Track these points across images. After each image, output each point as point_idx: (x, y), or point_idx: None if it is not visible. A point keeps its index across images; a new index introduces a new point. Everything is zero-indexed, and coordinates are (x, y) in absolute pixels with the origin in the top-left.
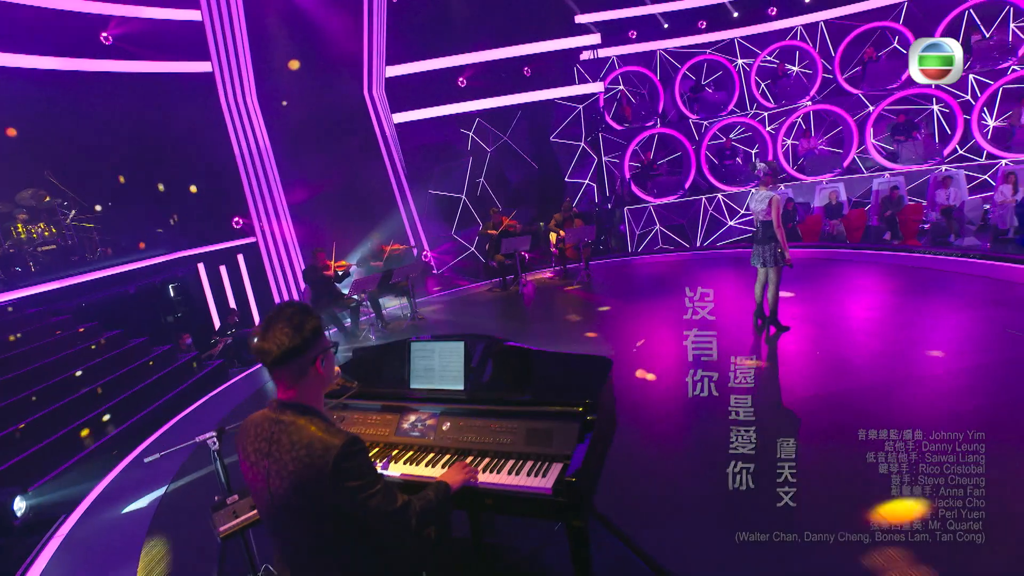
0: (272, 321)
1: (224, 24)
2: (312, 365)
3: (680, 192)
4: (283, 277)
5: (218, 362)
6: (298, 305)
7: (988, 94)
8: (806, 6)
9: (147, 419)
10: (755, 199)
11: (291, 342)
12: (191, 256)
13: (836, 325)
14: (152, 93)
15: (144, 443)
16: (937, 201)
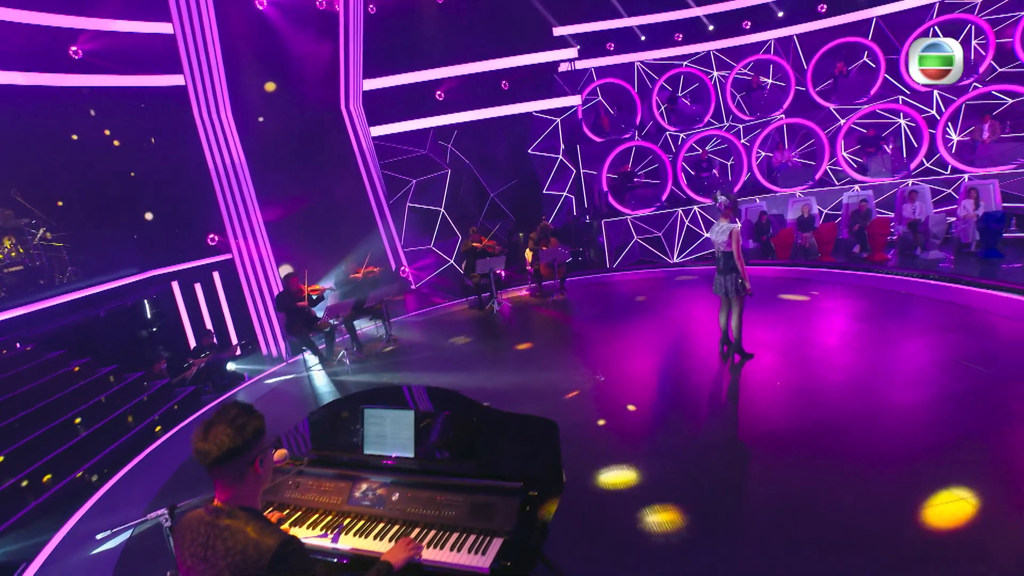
0: (214, 422)
1: (196, 37)
2: (251, 466)
3: (657, 204)
4: (260, 295)
5: (190, 389)
6: (242, 406)
7: (952, 110)
8: (779, 20)
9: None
10: (716, 231)
11: (231, 443)
12: (164, 275)
13: (799, 353)
14: (124, 108)
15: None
16: (904, 215)
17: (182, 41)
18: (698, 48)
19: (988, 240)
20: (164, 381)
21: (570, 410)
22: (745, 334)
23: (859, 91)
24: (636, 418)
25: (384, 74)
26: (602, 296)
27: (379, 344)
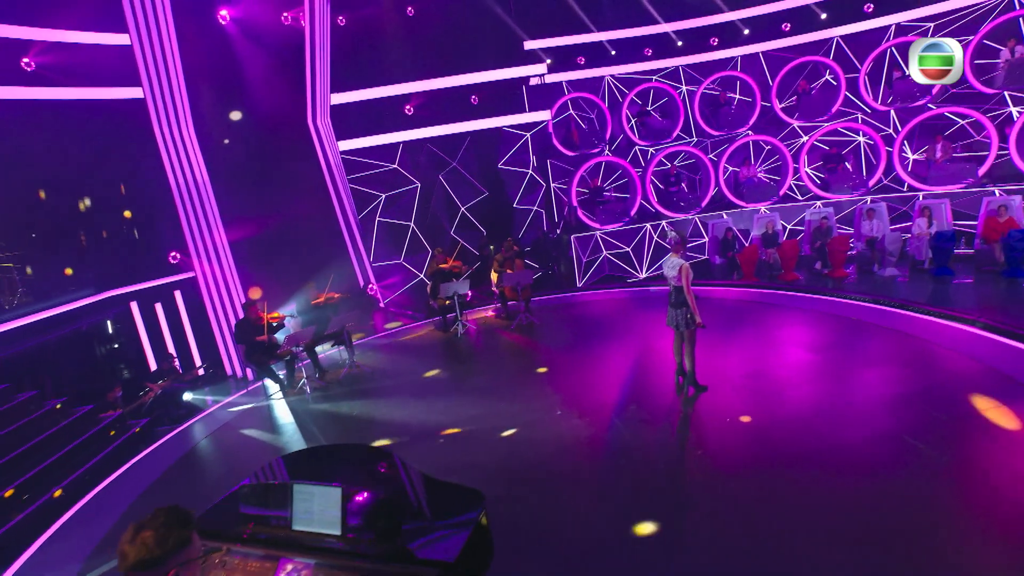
0: (142, 527)
1: (155, 49)
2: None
3: (626, 219)
4: (224, 316)
5: (144, 421)
6: (174, 515)
7: (908, 129)
8: (745, 37)
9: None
10: (667, 266)
11: (149, 554)
12: (123, 295)
13: (751, 386)
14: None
15: (60, 520)
16: (862, 232)
17: (140, 52)
18: (667, 63)
19: (940, 258)
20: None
21: (523, 448)
22: (702, 364)
23: (821, 109)
24: (587, 457)
25: (353, 88)
26: (568, 319)
27: (342, 370)
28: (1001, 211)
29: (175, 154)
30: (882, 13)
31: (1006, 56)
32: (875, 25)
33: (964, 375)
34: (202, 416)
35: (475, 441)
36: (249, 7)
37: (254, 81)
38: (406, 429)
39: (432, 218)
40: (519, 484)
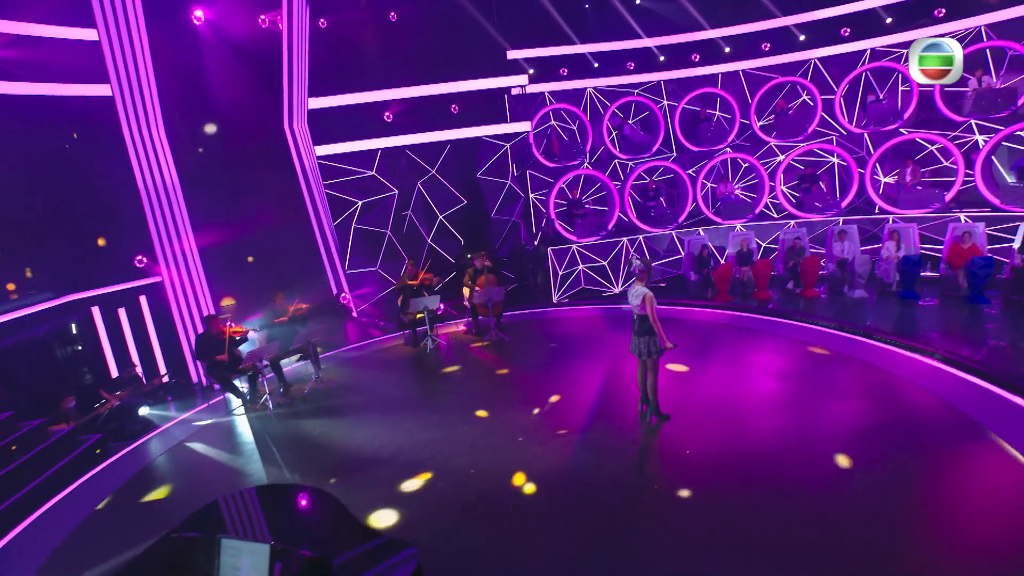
0: None
1: (124, 46)
2: None
3: (603, 232)
4: (191, 322)
5: (97, 436)
6: None
7: (880, 152)
8: (726, 55)
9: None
10: (631, 294)
11: None
12: (84, 299)
13: (714, 416)
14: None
15: None
16: (834, 253)
17: (108, 49)
18: (649, 77)
19: (906, 281)
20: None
21: (480, 477)
22: (667, 391)
23: (798, 129)
24: (543, 491)
25: (332, 93)
26: (539, 337)
27: (307, 385)
28: (965, 237)
29: (143, 154)
30: (858, 37)
31: (973, 85)
32: (851, 49)
33: (921, 411)
34: (158, 432)
35: (432, 467)
36: (224, 9)
37: (228, 83)
38: (364, 454)
39: (410, 226)
40: (471, 518)
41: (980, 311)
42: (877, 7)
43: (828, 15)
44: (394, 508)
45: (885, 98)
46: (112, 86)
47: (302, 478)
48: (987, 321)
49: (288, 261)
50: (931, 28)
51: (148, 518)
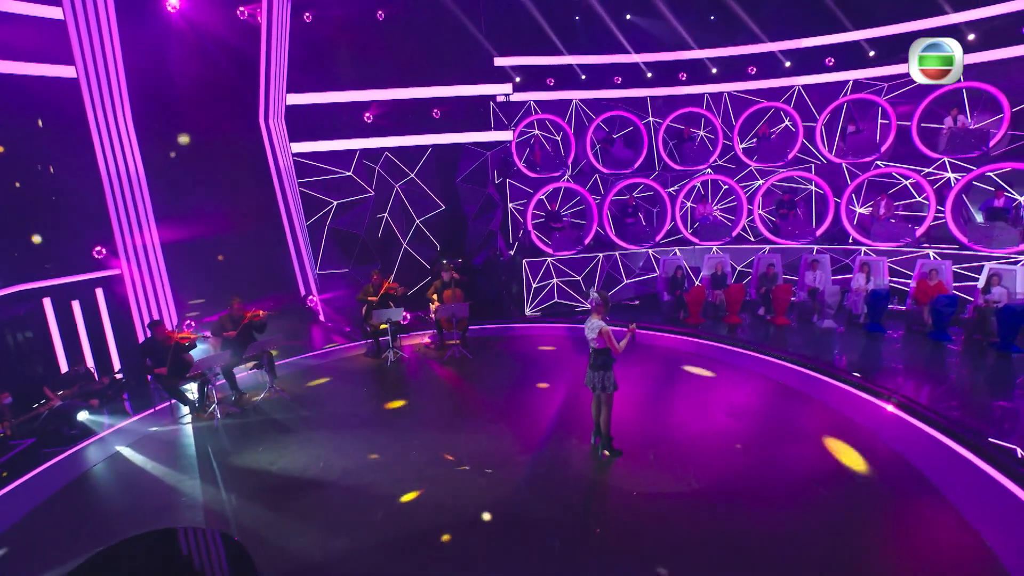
0: None
1: (91, 27)
2: None
3: (580, 247)
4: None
5: (30, 441)
6: None
7: (856, 184)
8: (712, 76)
9: None
10: (588, 328)
11: None
12: (35, 289)
13: (666, 455)
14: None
15: None
16: (806, 282)
17: (74, 28)
18: (636, 93)
19: (874, 314)
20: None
21: (419, 510)
22: (623, 423)
23: (779, 154)
24: (482, 527)
25: (312, 90)
26: (504, 356)
27: (260, 394)
28: (932, 275)
29: (108, 141)
30: (842, 68)
31: (949, 124)
32: (835, 79)
33: (872, 461)
34: (96, 439)
35: (374, 495)
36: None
37: (202, 75)
38: (307, 474)
39: (386, 229)
40: (400, 552)
41: (942, 348)
42: (861, 40)
43: (814, 44)
44: (328, 536)
45: (864, 130)
46: (77, 67)
47: (238, 499)
48: (947, 357)
49: (256, 260)
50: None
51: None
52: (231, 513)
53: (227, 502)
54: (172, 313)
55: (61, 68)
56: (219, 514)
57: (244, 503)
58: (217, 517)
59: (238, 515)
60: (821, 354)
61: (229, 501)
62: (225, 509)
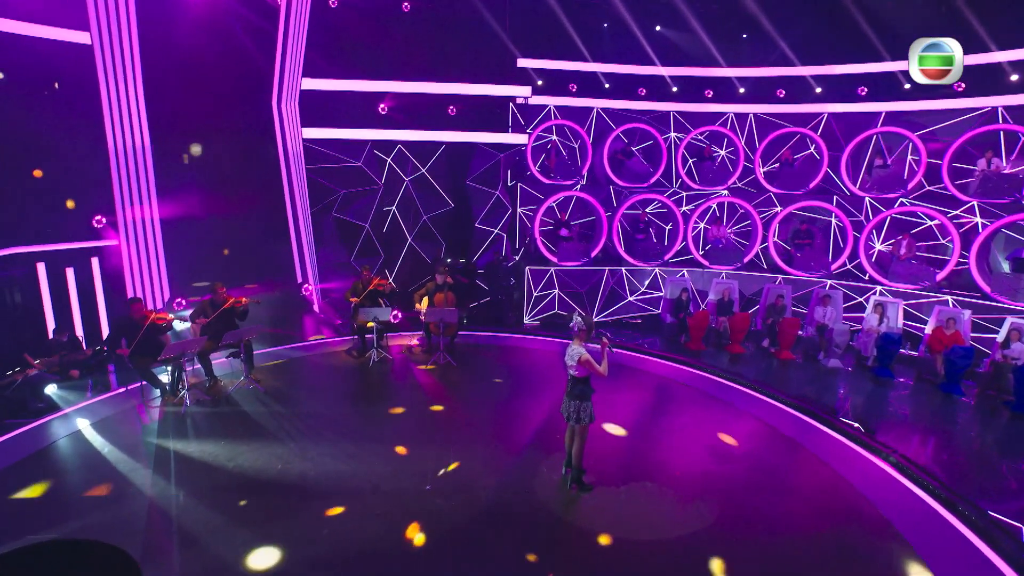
0: None
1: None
2: None
3: (586, 259)
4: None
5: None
6: None
7: (878, 220)
8: (739, 96)
9: None
10: (568, 354)
11: None
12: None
13: (637, 498)
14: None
15: None
16: (815, 317)
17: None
18: (659, 106)
19: (883, 358)
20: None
21: (369, 529)
22: (599, 453)
23: (801, 181)
24: (432, 558)
25: (329, 76)
26: (490, 367)
27: (234, 383)
28: (949, 323)
29: (117, 111)
30: (875, 98)
31: (982, 166)
32: (866, 109)
33: (859, 529)
34: (60, 415)
35: (328, 506)
36: None
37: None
38: (264, 475)
39: (392, 223)
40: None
41: (953, 402)
42: (898, 71)
43: (847, 71)
44: (269, 547)
45: (892, 164)
46: (92, 34)
47: (187, 496)
48: (957, 413)
49: (255, 242)
50: (950, 101)
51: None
52: (174, 511)
53: (173, 498)
54: (165, 290)
55: (76, 33)
56: (162, 510)
57: (191, 501)
58: (159, 513)
59: (181, 514)
60: (823, 395)
61: (176, 497)
62: (169, 505)
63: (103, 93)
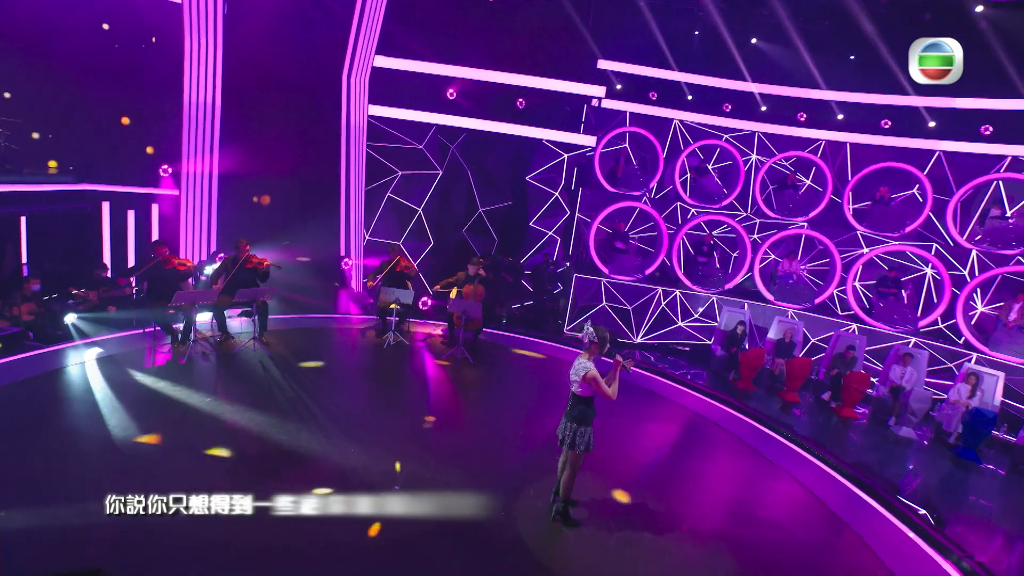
0: None
1: None
2: None
3: (640, 276)
4: (194, 243)
5: (15, 330)
6: None
7: (985, 277)
8: (838, 122)
9: None
10: (574, 367)
11: None
12: (99, 191)
13: (637, 549)
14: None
15: None
16: (890, 376)
17: None
18: (744, 125)
19: (970, 439)
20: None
21: (325, 531)
22: (599, 490)
23: (895, 224)
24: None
25: (402, 56)
26: (509, 373)
27: (243, 341)
28: None
29: (196, 68)
30: (1002, 139)
31: None
32: (989, 151)
33: None
34: (68, 346)
35: (281, 491)
36: None
37: (296, 20)
38: (234, 440)
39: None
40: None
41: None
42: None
43: (970, 106)
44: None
45: (1013, 218)
46: None
47: (141, 460)
48: None
49: (305, 209)
50: None
51: None
52: (120, 469)
53: (127, 456)
54: (213, 242)
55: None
56: (118, 450)
57: (154, 446)
58: (103, 470)
59: (123, 473)
60: (886, 468)
61: (132, 453)
62: (116, 460)
63: (187, 50)
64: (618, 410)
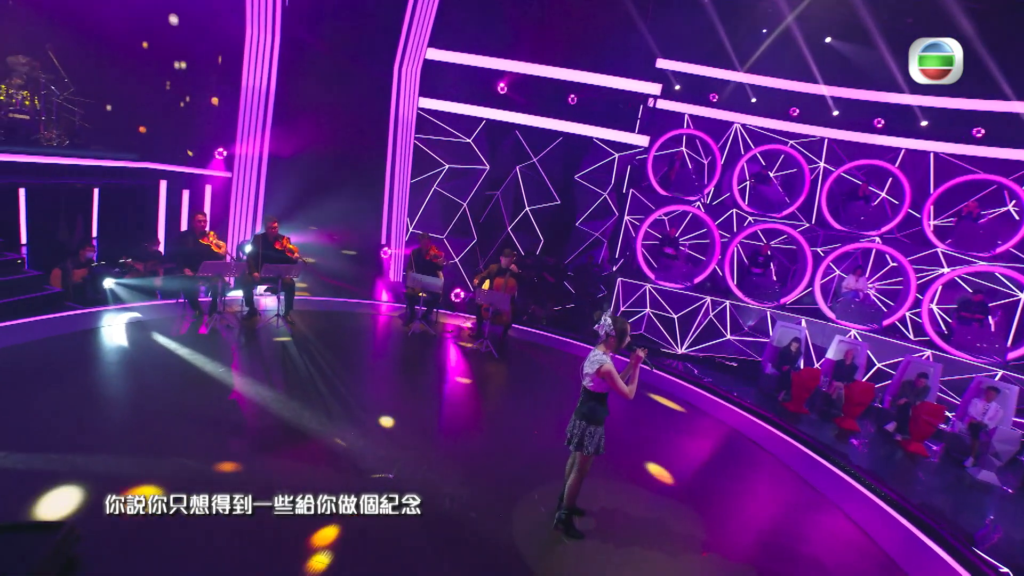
0: None
1: None
2: None
3: (688, 284)
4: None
5: (57, 290)
6: None
7: None
8: (920, 130)
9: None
10: (588, 360)
11: None
12: (157, 170)
13: (649, 568)
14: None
15: None
16: (969, 411)
17: None
18: (812, 131)
19: None
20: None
21: (305, 529)
22: (614, 500)
23: (984, 243)
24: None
25: (455, 49)
26: (534, 369)
27: (267, 318)
28: None
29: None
30: None
31: None
32: None
33: None
34: (100, 310)
35: (271, 466)
36: None
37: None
38: (226, 417)
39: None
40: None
41: None
42: None
43: None
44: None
45: None
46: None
47: (157, 405)
48: None
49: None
50: None
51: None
52: (114, 441)
53: (124, 427)
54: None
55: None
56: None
57: (153, 411)
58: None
59: (116, 445)
60: (960, 514)
61: (132, 422)
62: (112, 433)
63: (247, 38)
64: (642, 416)
